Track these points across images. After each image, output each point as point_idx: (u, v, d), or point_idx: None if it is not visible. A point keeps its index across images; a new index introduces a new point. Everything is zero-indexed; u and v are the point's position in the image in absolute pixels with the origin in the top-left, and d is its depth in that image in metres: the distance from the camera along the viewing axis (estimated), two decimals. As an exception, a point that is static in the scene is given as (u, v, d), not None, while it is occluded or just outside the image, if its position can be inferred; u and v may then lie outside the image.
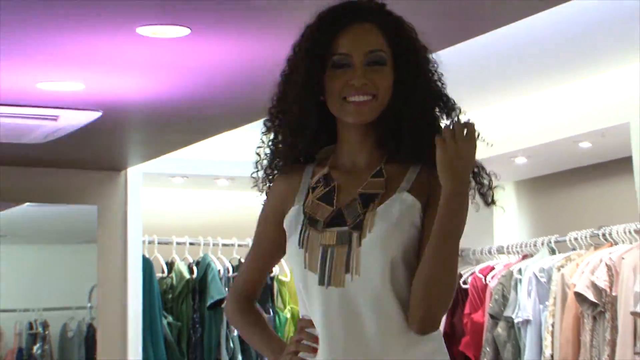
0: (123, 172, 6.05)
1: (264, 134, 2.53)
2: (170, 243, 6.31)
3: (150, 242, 6.24)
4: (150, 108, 4.63)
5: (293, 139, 2.45)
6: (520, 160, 5.70)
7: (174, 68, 4.07)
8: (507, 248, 5.98)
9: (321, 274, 2.39)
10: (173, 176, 6.32)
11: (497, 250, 6.07)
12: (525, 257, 5.81)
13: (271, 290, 6.34)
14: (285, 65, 2.48)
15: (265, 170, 2.54)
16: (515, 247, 5.92)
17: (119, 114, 4.73)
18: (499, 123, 5.53)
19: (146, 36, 3.56)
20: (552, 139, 5.32)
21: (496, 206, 2.46)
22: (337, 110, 2.39)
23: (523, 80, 5.15)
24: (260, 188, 2.57)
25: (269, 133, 2.52)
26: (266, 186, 2.56)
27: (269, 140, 2.52)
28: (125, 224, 6.01)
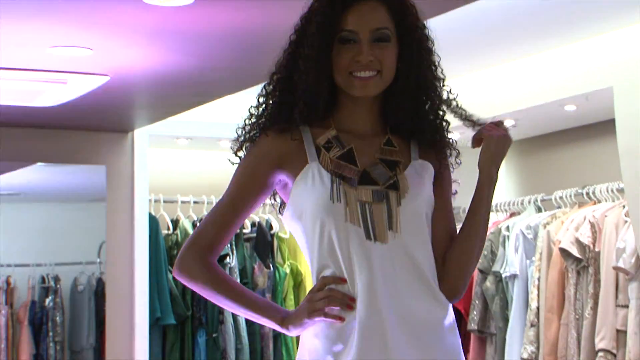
0: (130, 134, 6.05)
1: (261, 97, 2.54)
2: (175, 202, 6.38)
3: (156, 201, 6.29)
4: (156, 73, 4.61)
5: (304, 106, 2.46)
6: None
7: (179, 34, 4.03)
8: (496, 206, 5.97)
9: (365, 228, 2.39)
10: (178, 138, 6.36)
11: (486, 208, 6.07)
12: (512, 215, 5.86)
13: (271, 246, 6.42)
14: (293, 35, 2.50)
15: (250, 131, 2.53)
16: (503, 206, 5.96)
17: (126, 79, 4.70)
18: (487, 88, 5.53)
19: (152, 4, 3.53)
20: (539, 103, 5.33)
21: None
22: (343, 83, 2.44)
23: (510, 46, 5.13)
24: (240, 148, 2.53)
25: (267, 97, 2.53)
26: (246, 145, 2.53)
27: (264, 103, 2.53)
28: (133, 184, 6.01)
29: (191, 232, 6.05)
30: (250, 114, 2.56)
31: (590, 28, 4.85)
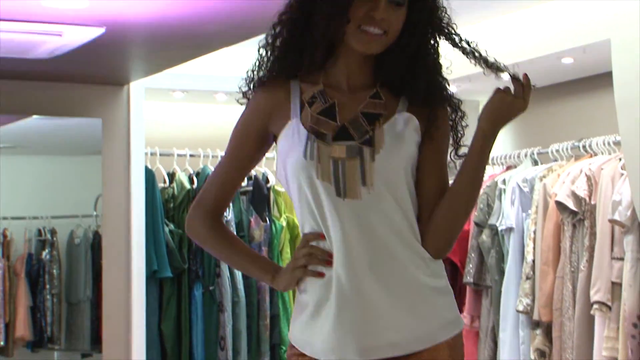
0: (126, 87, 6.02)
1: (262, 48, 2.56)
2: (171, 155, 6.37)
3: (152, 154, 6.27)
4: (152, 25, 4.60)
5: (310, 57, 2.48)
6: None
7: (175, -15, 4.00)
8: (492, 159, 5.93)
9: (336, 185, 2.40)
10: (174, 91, 6.33)
11: (483, 161, 6.05)
12: (509, 168, 5.85)
13: (268, 199, 6.43)
14: None
15: (251, 83, 2.55)
16: (500, 159, 5.93)
17: (122, 31, 4.69)
18: (483, 41, 5.37)
19: (147, -44, 3.52)
20: (536, 56, 5.29)
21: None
22: (349, 35, 2.45)
23: (507, -1, 5.07)
24: (245, 99, 2.57)
25: (268, 47, 2.54)
26: (248, 96, 2.56)
27: (266, 53, 2.55)
28: (129, 137, 6.00)
29: (187, 186, 6.22)
30: (259, 59, 2.55)
31: (588, -20, 4.80)
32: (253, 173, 6.43)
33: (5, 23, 4.49)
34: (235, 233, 6.18)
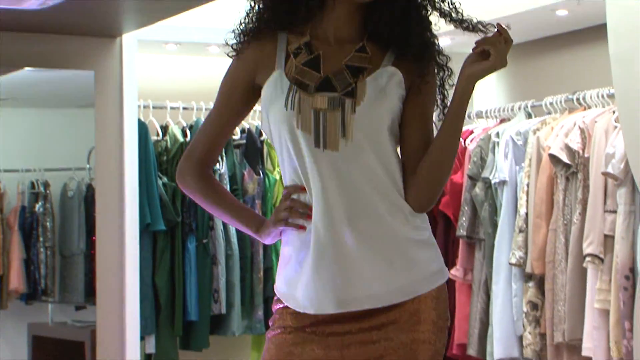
0: (118, 39, 5.98)
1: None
2: (164, 107, 6.35)
3: (145, 107, 6.25)
4: None
5: (306, 6, 2.48)
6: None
7: None
8: (486, 112, 5.96)
9: (316, 135, 2.40)
10: (166, 43, 6.30)
11: (476, 114, 6.04)
12: (502, 121, 5.83)
13: (261, 152, 6.42)
14: None
15: (240, 35, 2.56)
16: (494, 112, 5.91)
17: None
18: None
19: None
20: (530, 8, 5.28)
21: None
22: None
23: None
24: (234, 51, 2.57)
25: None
26: (238, 48, 2.55)
27: (256, 3, 2.55)
28: (121, 89, 5.97)
29: (180, 138, 6.19)
30: (249, 11, 2.56)
31: None
32: (246, 126, 6.42)
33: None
34: (228, 186, 6.18)
